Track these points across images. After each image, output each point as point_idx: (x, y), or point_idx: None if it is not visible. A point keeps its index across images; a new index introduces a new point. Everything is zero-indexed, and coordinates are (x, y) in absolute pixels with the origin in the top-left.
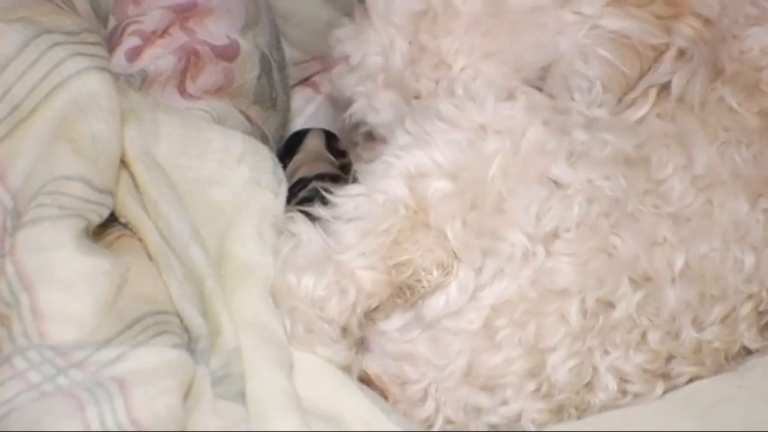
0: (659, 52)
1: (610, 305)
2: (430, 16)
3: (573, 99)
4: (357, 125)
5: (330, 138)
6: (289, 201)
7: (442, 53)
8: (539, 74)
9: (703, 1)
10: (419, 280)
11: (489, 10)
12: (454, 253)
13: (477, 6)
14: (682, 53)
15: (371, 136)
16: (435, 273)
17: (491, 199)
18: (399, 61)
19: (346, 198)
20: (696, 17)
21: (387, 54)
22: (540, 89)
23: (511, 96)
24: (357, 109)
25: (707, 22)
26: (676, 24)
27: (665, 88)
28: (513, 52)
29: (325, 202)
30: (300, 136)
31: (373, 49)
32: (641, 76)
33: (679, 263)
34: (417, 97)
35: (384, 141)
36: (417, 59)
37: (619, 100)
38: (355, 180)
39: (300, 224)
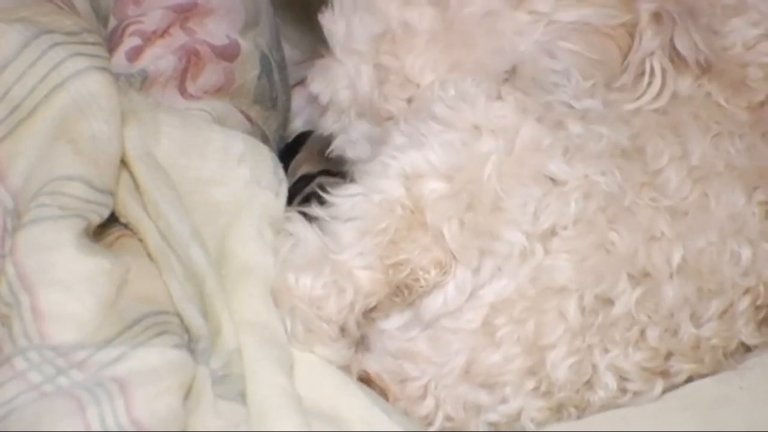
0: (630, 27)
1: (609, 302)
2: (389, 37)
3: (550, 93)
4: (340, 159)
5: None
6: (292, 197)
7: (406, 72)
8: (504, 78)
9: None
10: (417, 280)
11: (444, 24)
12: (452, 253)
13: (432, 22)
14: (656, 17)
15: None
16: (432, 272)
17: (488, 198)
18: (367, 87)
19: (343, 198)
20: None
21: (354, 83)
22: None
23: (500, 96)
24: (337, 145)
25: None
26: (633, 2)
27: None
28: (473, 62)
29: (322, 201)
30: (304, 138)
31: (340, 84)
32: (625, 56)
33: (677, 258)
34: (389, 118)
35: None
36: (384, 80)
37: (609, 87)
38: (352, 180)
39: (297, 224)
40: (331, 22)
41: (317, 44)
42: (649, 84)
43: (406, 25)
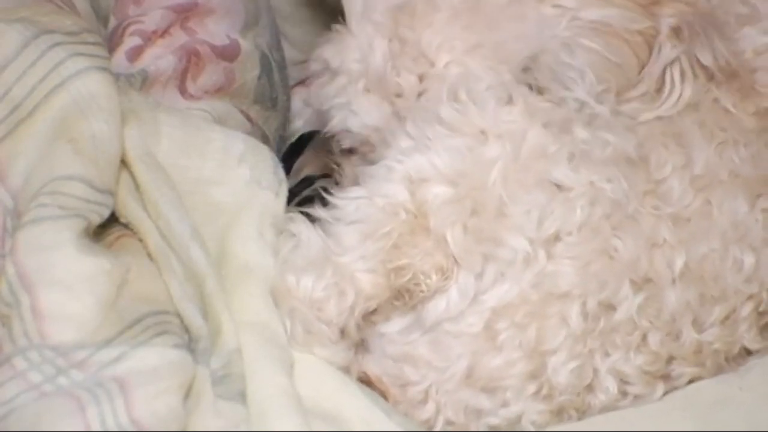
0: (648, 36)
1: (611, 307)
2: (410, 9)
3: (567, 89)
4: (337, 141)
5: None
6: (293, 198)
7: (422, 47)
8: (525, 65)
9: None
10: (418, 284)
11: (468, 3)
12: (454, 258)
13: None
14: (675, 31)
15: (350, 151)
16: (434, 277)
17: (492, 204)
18: (379, 60)
19: (346, 200)
20: (677, 1)
21: (366, 57)
22: (530, 84)
23: (510, 100)
24: (337, 122)
25: (689, 2)
26: (657, 8)
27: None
28: (494, 45)
29: (325, 203)
30: (307, 138)
31: (352, 56)
32: (641, 65)
33: (679, 264)
34: (399, 94)
35: (367, 153)
36: (397, 54)
37: (619, 96)
38: (356, 183)
39: (300, 225)
40: None
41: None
42: (669, 93)
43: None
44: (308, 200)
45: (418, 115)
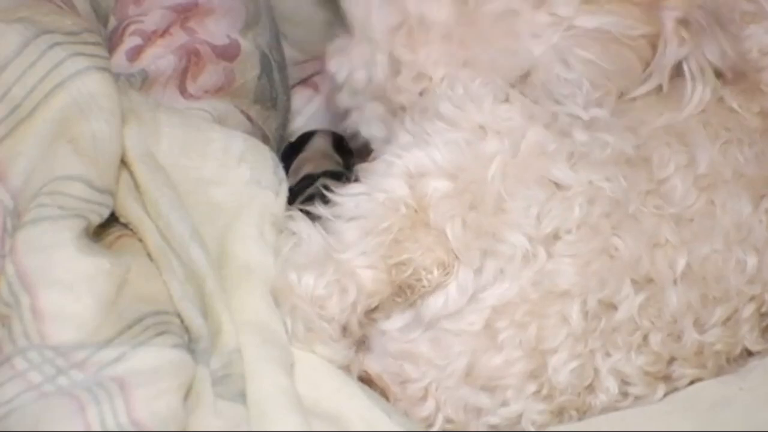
0: (651, 38)
1: (611, 307)
2: (406, 29)
3: (559, 103)
4: (355, 136)
5: (338, 139)
6: (295, 197)
7: (419, 65)
8: (518, 82)
9: None
10: (419, 280)
11: (462, 18)
12: (454, 253)
13: (450, 15)
14: (682, 23)
15: (367, 149)
16: (435, 272)
17: (491, 199)
18: (381, 75)
19: (346, 197)
20: None
21: (370, 69)
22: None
23: (507, 98)
24: (351, 122)
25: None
26: (658, 5)
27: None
28: (487, 60)
29: (326, 200)
30: (307, 137)
31: (357, 64)
32: (646, 65)
33: (681, 264)
34: (402, 108)
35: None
36: (397, 72)
37: (625, 95)
38: (356, 179)
39: (300, 223)
40: (354, 4)
41: (318, 44)
42: (693, 90)
43: (422, 18)
44: (312, 198)
45: (417, 111)
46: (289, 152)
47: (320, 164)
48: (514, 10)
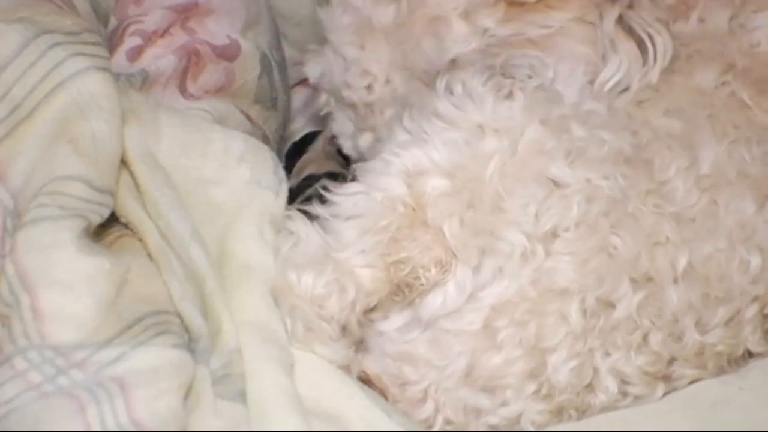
0: (580, 20)
1: (610, 305)
2: (356, 29)
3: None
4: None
5: None
6: (295, 198)
7: (363, 63)
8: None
9: None
10: (418, 278)
11: (398, 20)
12: (452, 251)
13: (389, 17)
14: None
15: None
16: (433, 271)
17: (489, 198)
18: (336, 76)
19: (344, 196)
20: None
21: (331, 72)
22: None
23: (509, 94)
24: (329, 128)
25: None
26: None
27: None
28: (413, 60)
29: (323, 200)
30: (311, 137)
31: (323, 70)
32: (593, 43)
33: (682, 263)
34: (352, 105)
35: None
36: (346, 69)
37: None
38: (353, 178)
39: (299, 222)
40: (323, 11)
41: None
42: (653, 42)
43: (368, 19)
44: (311, 199)
45: (415, 110)
46: (293, 152)
47: (323, 165)
48: (441, 17)
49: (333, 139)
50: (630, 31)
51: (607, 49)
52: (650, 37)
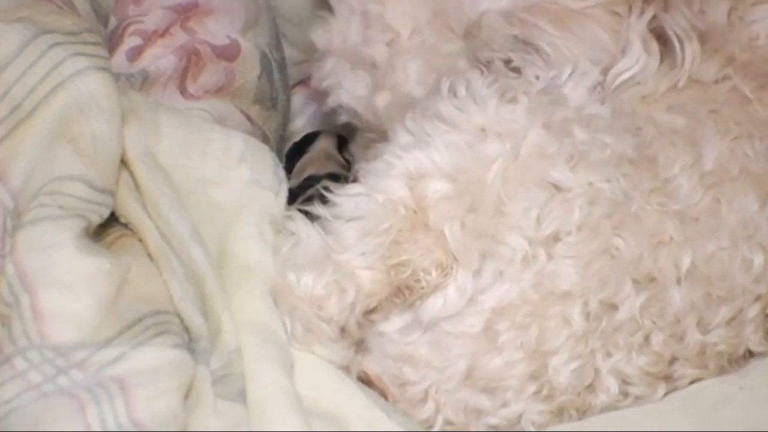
0: (610, 4)
1: (613, 307)
2: None
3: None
4: (337, 116)
5: (342, 141)
6: (295, 198)
7: (386, 19)
8: (467, 33)
9: None
10: (418, 281)
11: None
12: (453, 254)
13: None
14: None
15: (352, 129)
16: (434, 273)
17: (491, 201)
18: (354, 35)
19: (346, 197)
20: None
21: (345, 35)
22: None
23: (513, 98)
24: (332, 100)
25: None
26: None
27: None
28: (447, 8)
29: (325, 201)
30: (312, 137)
31: (335, 37)
32: (617, 36)
33: (686, 263)
34: (373, 64)
35: (371, 128)
36: (367, 26)
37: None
38: (355, 179)
39: (299, 223)
40: None
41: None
42: (682, 48)
43: None
44: (311, 200)
45: (418, 111)
46: (293, 152)
47: (324, 166)
48: None
49: (336, 111)
50: (659, 33)
51: (628, 42)
52: (680, 41)
